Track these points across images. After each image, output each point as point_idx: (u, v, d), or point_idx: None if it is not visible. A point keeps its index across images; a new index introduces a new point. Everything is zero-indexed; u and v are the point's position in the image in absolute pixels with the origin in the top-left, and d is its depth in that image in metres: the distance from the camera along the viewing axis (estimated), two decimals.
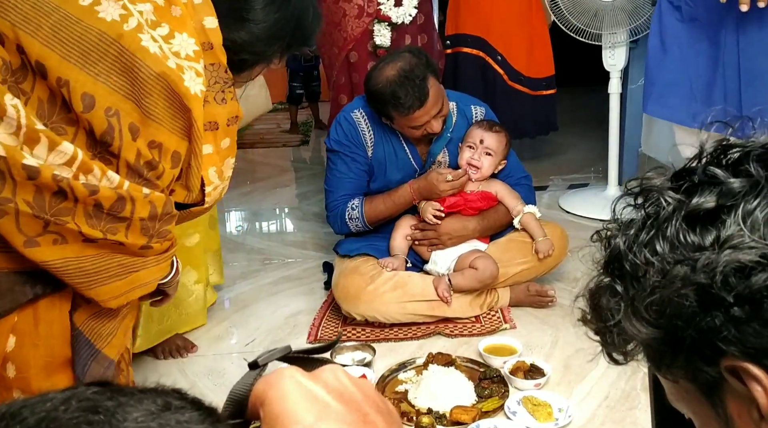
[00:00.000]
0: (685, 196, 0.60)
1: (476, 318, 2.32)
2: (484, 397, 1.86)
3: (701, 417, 0.64)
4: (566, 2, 3.02)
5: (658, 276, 0.59)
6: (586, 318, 0.69)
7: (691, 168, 0.62)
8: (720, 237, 0.56)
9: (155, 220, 1.26)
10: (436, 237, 2.36)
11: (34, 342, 1.28)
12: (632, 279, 0.61)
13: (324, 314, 2.41)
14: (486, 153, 2.36)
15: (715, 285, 0.55)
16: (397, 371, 2.02)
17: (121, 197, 1.19)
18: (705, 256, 0.56)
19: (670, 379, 0.64)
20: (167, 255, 1.36)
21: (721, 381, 0.59)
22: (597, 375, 1.97)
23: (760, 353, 0.55)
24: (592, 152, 4.14)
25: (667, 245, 0.59)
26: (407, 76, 2.18)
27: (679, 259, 0.58)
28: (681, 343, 0.59)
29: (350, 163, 2.37)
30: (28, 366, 1.29)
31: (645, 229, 0.61)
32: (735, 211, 0.56)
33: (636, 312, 0.61)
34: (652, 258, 0.59)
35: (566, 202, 3.39)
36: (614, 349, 0.67)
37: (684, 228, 0.58)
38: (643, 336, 0.61)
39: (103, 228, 1.20)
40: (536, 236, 2.36)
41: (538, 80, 3.41)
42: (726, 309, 0.56)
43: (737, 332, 0.56)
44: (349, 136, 2.38)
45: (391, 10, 2.80)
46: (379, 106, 2.27)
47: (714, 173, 0.59)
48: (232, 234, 3.33)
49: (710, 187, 0.59)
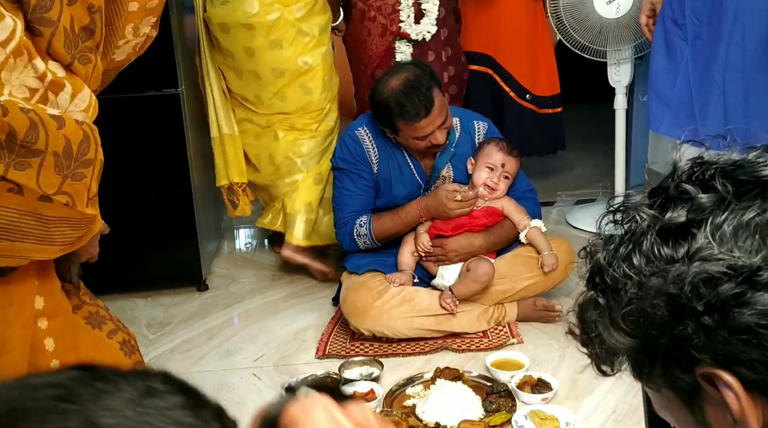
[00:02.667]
0: (659, 211, 0.63)
1: (483, 333, 2.33)
2: (492, 411, 1.87)
3: (684, 424, 0.67)
4: (571, 20, 3.06)
5: (635, 288, 0.62)
6: (572, 330, 0.71)
7: (666, 185, 0.65)
8: (690, 249, 0.59)
9: (71, 159, 1.18)
10: (443, 254, 2.37)
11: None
12: (612, 292, 0.64)
13: (332, 329, 2.43)
14: (504, 176, 2.38)
15: (685, 295, 0.58)
16: (405, 386, 2.03)
17: (33, 123, 1.12)
18: (675, 268, 0.59)
19: (653, 388, 0.67)
20: (64, 236, 1.25)
21: (698, 388, 0.61)
22: (604, 389, 1.98)
23: (730, 360, 0.58)
24: (599, 168, 4.15)
25: (643, 259, 0.62)
26: (413, 85, 2.21)
27: (654, 272, 0.61)
28: (656, 352, 0.62)
29: (357, 180, 2.40)
30: None
31: (623, 244, 0.64)
32: (704, 225, 0.59)
33: (614, 323, 0.64)
34: (630, 272, 0.62)
35: (573, 218, 3.40)
36: (600, 361, 0.70)
37: (658, 242, 0.61)
38: (622, 345, 0.64)
39: (12, 160, 1.11)
40: (542, 250, 2.37)
41: (545, 98, 3.43)
42: (696, 318, 0.58)
43: (708, 340, 0.58)
44: (354, 153, 2.40)
45: (411, 27, 2.85)
46: (384, 116, 2.29)
47: (685, 189, 0.62)
48: (241, 251, 3.35)
49: (682, 203, 0.62)
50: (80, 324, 1.42)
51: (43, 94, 1.16)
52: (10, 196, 1.14)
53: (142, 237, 2.71)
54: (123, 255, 2.55)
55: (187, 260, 2.78)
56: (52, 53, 1.17)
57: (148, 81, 2.58)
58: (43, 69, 1.15)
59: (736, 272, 0.57)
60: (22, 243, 1.20)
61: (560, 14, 3.06)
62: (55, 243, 1.23)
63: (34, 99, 1.14)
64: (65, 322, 1.36)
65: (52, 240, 1.22)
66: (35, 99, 1.15)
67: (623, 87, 3.23)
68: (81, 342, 1.40)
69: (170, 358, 2.32)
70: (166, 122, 2.64)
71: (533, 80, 3.40)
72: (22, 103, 1.12)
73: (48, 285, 1.33)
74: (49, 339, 1.32)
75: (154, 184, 2.67)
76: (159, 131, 2.65)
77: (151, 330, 2.53)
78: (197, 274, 2.82)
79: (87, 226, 1.28)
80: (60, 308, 1.35)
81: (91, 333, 1.44)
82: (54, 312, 1.33)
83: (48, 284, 1.33)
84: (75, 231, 1.25)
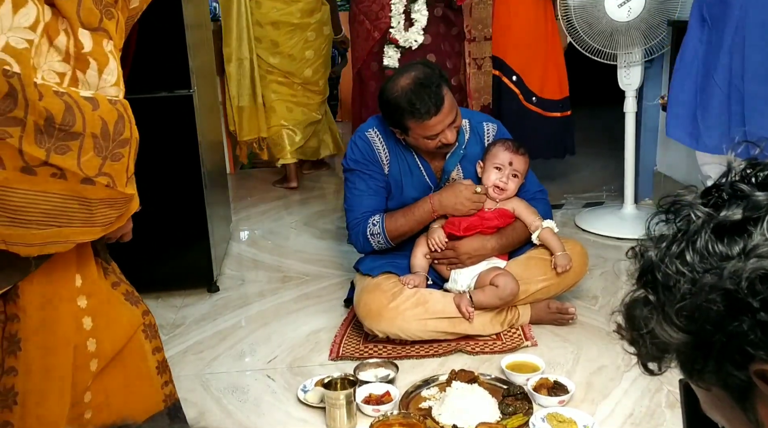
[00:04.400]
0: (713, 209, 0.64)
1: (497, 335, 2.33)
2: (509, 414, 1.86)
3: (734, 424, 0.66)
4: (583, 25, 3.06)
5: (688, 284, 0.62)
6: (620, 329, 0.72)
7: (719, 184, 0.66)
8: (746, 247, 0.60)
9: (108, 139, 1.20)
10: (456, 256, 2.37)
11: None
12: (664, 289, 0.64)
13: (345, 331, 2.43)
14: (513, 175, 2.38)
15: (741, 291, 0.59)
16: (421, 388, 2.02)
17: (68, 106, 1.13)
18: (732, 264, 0.60)
19: (703, 387, 0.67)
20: (105, 217, 1.27)
21: (752, 386, 0.61)
22: (620, 392, 1.98)
23: None
24: (608, 170, 4.16)
25: (696, 256, 0.62)
26: (423, 83, 2.22)
27: (708, 268, 0.61)
28: (711, 348, 0.62)
29: (368, 181, 2.39)
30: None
31: (676, 242, 0.65)
32: (761, 222, 0.60)
33: (667, 318, 0.64)
34: (683, 269, 0.63)
35: (582, 221, 3.40)
36: (648, 359, 0.70)
37: (713, 240, 0.62)
38: (675, 341, 0.64)
39: (52, 145, 1.13)
40: (555, 250, 2.37)
41: (553, 102, 3.43)
42: (752, 314, 0.59)
43: (764, 336, 0.58)
44: (365, 154, 2.40)
45: (400, 33, 2.93)
46: (395, 116, 2.29)
47: (740, 188, 0.63)
48: (251, 252, 3.35)
49: (737, 201, 0.62)
50: (120, 300, 1.44)
51: (72, 76, 1.16)
52: (54, 182, 1.15)
53: (153, 239, 2.70)
54: (134, 257, 2.53)
55: (199, 261, 2.78)
56: (82, 16, 1.17)
57: (161, 82, 2.59)
58: (65, 45, 1.15)
59: None
60: (69, 227, 1.21)
61: (571, 18, 3.06)
62: (97, 224, 1.25)
63: (64, 83, 1.15)
64: (102, 301, 1.38)
65: (94, 222, 1.24)
66: (66, 83, 1.15)
67: (633, 90, 3.23)
68: (118, 319, 1.41)
69: (183, 359, 2.31)
70: (178, 123, 2.64)
71: (542, 83, 3.41)
72: (55, 87, 1.13)
73: (85, 265, 1.34)
74: (87, 318, 1.34)
75: (165, 186, 2.67)
76: (171, 132, 2.65)
77: (162, 331, 2.51)
78: (208, 276, 2.82)
79: (126, 206, 1.30)
80: (97, 287, 1.36)
81: (130, 310, 1.45)
82: (91, 291, 1.35)
83: (85, 264, 1.34)
84: (115, 211, 1.27)
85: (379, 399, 1.96)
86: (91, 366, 1.35)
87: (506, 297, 2.28)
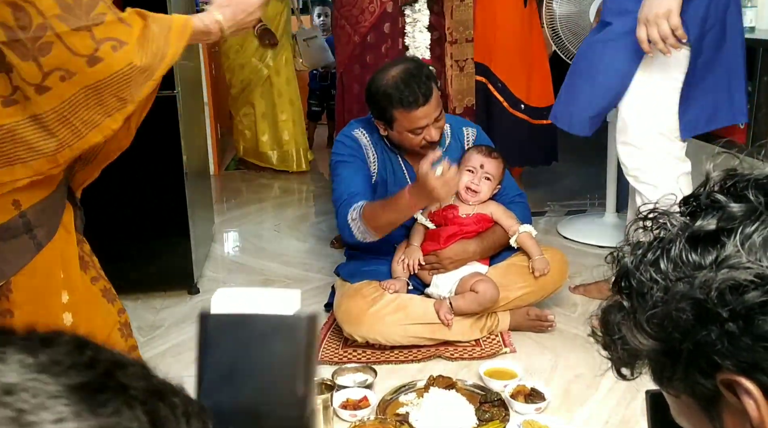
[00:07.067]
0: (690, 219, 0.64)
1: (476, 341, 2.34)
2: (485, 420, 1.87)
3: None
4: (567, 33, 3.08)
5: (661, 292, 0.63)
6: (595, 332, 0.73)
7: (697, 194, 0.66)
8: (719, 257, 0.60)
9: (73, 10, 1.14)
10: (437, 261, 2.38)
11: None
12: (638, 295, 0.65)
13: (325, 335, 2.42)
14: (485, 178, 2.39)
15: (711, 300, 0.59)
16: (398, 393, 2.03)
17: (17, 6, 1.09)
18: (703, 274, 0.60)
19: (672, 394, 0.68)
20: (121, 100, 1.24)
21: (718, 395, 0.62)
22: (597, 400, 1.99)
23: (752, 367, 0.59)
24: (590, 179, 4.18)
25: (670, 264, 0.63)
26: (412, 74, 2.24)
27: (681, 277, 0.62)
28: (679, 356, 0.63)
29: (356, 169, 2.37)
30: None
31: (651, 250, 0.65)
32: (734, 233, 0.60)
33: (638, 325, 0.65)
34: (657, 276, 0.63)
35: (564, 228, 3.42)
36: (621, 364, 0.71)
37: (686, 249, 0.62)
38: (645, 348, 0.65)
39: (37, 53, 1.10)
40: (533, 255, 2.38)
41: (539, 109, 3.45)
42: (721, 324, 0.59)
43: (731, 346, 0.59)
44: (352, 149, 2.40)
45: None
46: (381, 105, 2.28)
47: (717, 198, 0.63)
48: (232, 255, 3.34)
49: (713, 212, 0.63)
50: (97, 296, 1.43)
51: None
52: (67, 85, 1.14)
53: (134, 240, 2.70)
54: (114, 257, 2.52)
55: (179, 263, 2.76)
56: None
57: None
58: None
59: (763, 281, 0.58)
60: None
61: (556, 26, 3.09)
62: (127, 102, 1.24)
63: None
64: (82, 297, 1.37)
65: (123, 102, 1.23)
66: None
67: None
68: (96, 315, 1.40)
69: (162, 361, 2.30)
70: (161, 124, 2.62)
71: (528, 91, 3.43)
72: None
73: (68, 259, 1.33)
74: (67, 313, 1.33)
75: (147, 186, 2.66)
76: (154, 133, 2.63)
77: (141, 332, 2.51)
78: (189, 277, 2.81)
79: (141, 76, 1.25)
80: (77, 282, 1.36)
81: (106, 307, 1.44)
82: (72, 286, 1.34)
83: (68, 258, 1.33)
84: (135, 86, 1.24)
85: (357, 404, 1.96)
86: None
87: (486, 303, 2.29)
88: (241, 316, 0.70)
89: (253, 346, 0.67)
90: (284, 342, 0.66)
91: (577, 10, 3.03)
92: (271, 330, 0.67)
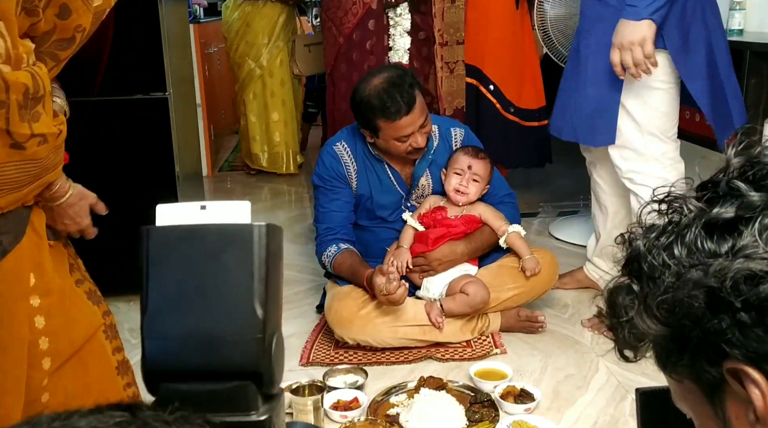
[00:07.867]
0: (707, 205, 0.63)
1: (467, 342, 2.35)
2: (475, 421, 1.88)
3: (701, 417, 0.67)
4: (558, 35, 3.09)
5: (672, 278, 0.62)
6: (601, 313, 0.71)
7: (716, 180, 0.65)
8: (735, 246, 0.59)
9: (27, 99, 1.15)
10: (427, 263, 2.38)
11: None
12: (648, 279, 0.64)
13: (316, 337, 2.43)
14: (473, 179, 2.40)
15: (725, 289, 0.58)
16: (389, 394, 2.03)
17: (33, 75, 1.13)
18: (718, 262, 0.59)
19: (675, 378, 0.67)
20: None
21: (723, 383, 0.61)
22: (586, 401, 2.00)
23: (761, 358, 0.58)
24: (583, 180, 4.18)
25: (684, 250, 0.62)
26: (395, 83, 2.24)
27: (694, 264, 0.60)
28: (687, 342, 0.62)
29: (332, 197, 2.41)
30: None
31: (665, 234, 0.64)
32: (752, 223, 0.59)
33: (648, 310, 0.64)
34: (669, 261, 0.62)
35: (556, 229, 3.43)
36: (625, 346, 0.69)
37: (702, 235, 0.61)
38: (653, 333, 0.64)
39: (30, 117, 1.14)
40: (522, 254, 2.39)
41: (530, 111, 3.45)
42: (733, 314, 0.58)
43: (741, 336, 0.58)
44: (331, 169, 2.41)
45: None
46: (366, 115, 2.29)
47: (736, 186, 0.62)
48: None
49: (731, 199, 0.61)
50: (82, 298, 1.42)
51: None
52: (42, 148, 1.17)
53: (125, 241, 2.69)
54: (105, 259, 2.53)
55: None
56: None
57: (137, 84, 2.58)
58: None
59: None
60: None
61: (547, 28, 3.10)
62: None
63: None
64: (60, 299, 1.36)
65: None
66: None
67: None
68: (80, 317, 1.40)
69: None
70: (153, 126, 2.63)
71: (519, 92, 3.43)
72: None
73: (40, 264, 1.32)
74: (39, 317, 1.32)
75: (139, 188, 2.66)
76: (146, 134, 2.64)
77: (133, 334, 2.51)
78: None
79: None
80: (54, 285, 1.35)
81: (91, 309, 1.44)
82: (47, 290, 1.33)
83: (40, 262, 1.32)
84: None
85: (348, 406, 1.96)
86: (44, 365, 1.33)
87: (477, 305, 2.30)
88: (189, 228, 0.62)
89: (204, 262, 0.61)
90: (238, 256, 0.58)
91: (568, 12, 3.04)
92: (224, 242, 0.60)
